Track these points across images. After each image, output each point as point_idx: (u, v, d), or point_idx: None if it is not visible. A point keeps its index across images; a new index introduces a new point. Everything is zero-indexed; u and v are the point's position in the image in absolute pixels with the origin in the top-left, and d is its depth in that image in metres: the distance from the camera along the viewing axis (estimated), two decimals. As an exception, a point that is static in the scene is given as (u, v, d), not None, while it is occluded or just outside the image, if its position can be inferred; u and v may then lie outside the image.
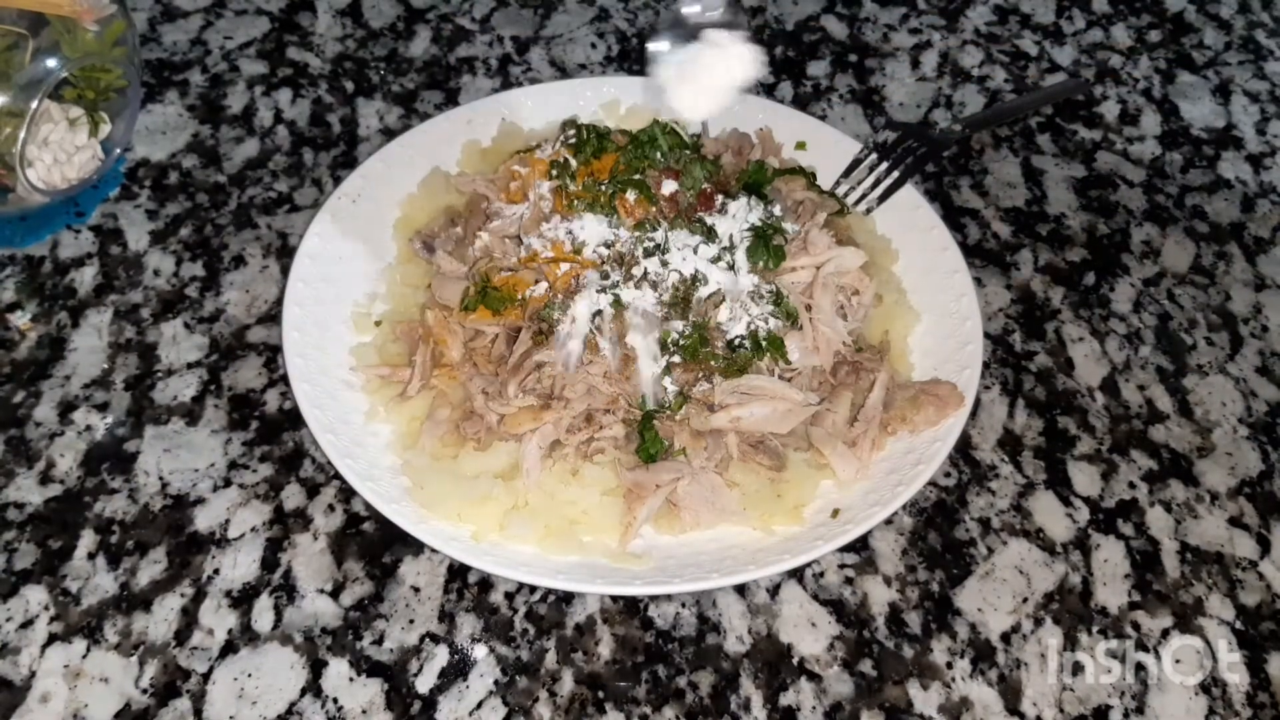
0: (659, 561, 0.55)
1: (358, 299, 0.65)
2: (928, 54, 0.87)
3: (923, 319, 0.65)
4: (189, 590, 0.55)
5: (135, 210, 0.71)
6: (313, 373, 0.60)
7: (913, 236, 0.68)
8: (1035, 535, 0.61)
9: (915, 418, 0.59)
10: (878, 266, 0.67)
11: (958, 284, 0.65)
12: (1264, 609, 0.59)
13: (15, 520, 0.57)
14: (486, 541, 0.55)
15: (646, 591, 0.53)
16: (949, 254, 0.66)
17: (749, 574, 0.51)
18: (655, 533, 0.56)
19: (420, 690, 0.53)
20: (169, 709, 0.52)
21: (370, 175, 0.69)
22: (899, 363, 0.63)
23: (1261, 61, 0.89)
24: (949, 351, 0.63)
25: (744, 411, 0.57)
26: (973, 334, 0.62)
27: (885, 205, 0.70)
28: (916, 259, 0.68)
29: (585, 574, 0.53)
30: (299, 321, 0.61)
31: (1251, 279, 0.74)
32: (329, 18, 0.84)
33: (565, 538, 0.55)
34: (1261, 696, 0.56)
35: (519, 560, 0.54)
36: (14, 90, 0.62)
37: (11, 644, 0.53)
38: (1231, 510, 0.62)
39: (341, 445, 0.57)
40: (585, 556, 0.55)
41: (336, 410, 0.59)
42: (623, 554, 0.55)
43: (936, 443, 0.58)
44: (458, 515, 0.55)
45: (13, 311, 0.66)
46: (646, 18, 0.87)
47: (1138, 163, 0.81)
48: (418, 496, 0.55)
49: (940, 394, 0.59)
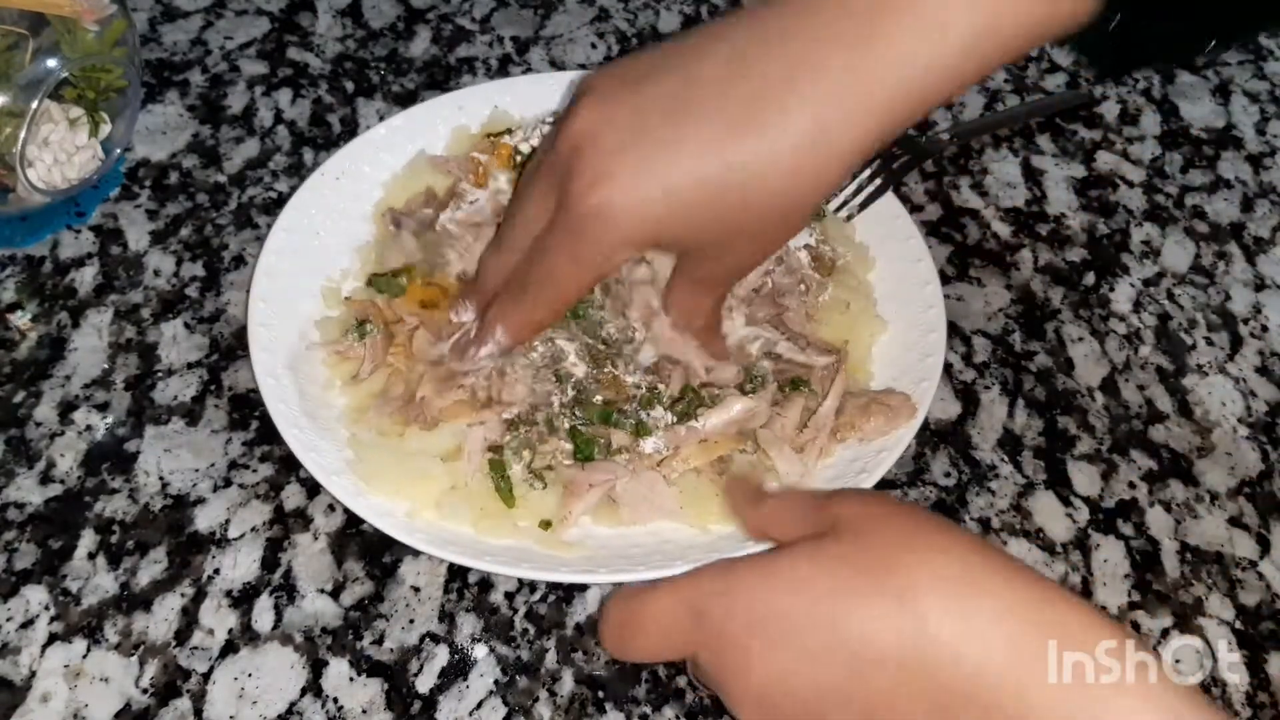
0: (591, 551, 0.54)
1: (331, 274, 0.65)
2: (928, 54, 0.87)
3: (889, 329, 0.64)
4: (189, 590, 0.55)
5: (135, 210, 0.71)
6: (274, 343, 0.60)
7: (890, 245, 0.68)
8: (1035, 535, 0.61)
9: (865, 426, 0.58)
10: (850, 274, 0.66)
11: (928, 296, 0.64)
12: (1264, 609, 0.59)
13: (15, 520, 0.57)
14: (421, 519, 0.55)
15: (571, 579, 0.53)
16: (923, 265, 0.65)
17: (675, 569, 0.50)
18: (593, 523, 0.56)
19: (420, 690, 0.53)
20: (169, 709, 0.52)
21: (355, 155, 0.69)
22: (858, 370, 0.62)
23: (1261, 61, 0.89)
24: (910, 362, 0.62)
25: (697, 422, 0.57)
26: (935, 346, 0.61)
27: (866, 214, 0.69)
28: (892, 268, 0.67)
29: (512, 558, 0.53)
30: (266, 292, 0.61)
31: (1251, 279, 0.74)
32: (329, 18, 0.84)
33: (500, 520, 0.55)
34: (1261, 696, 0.56)
35: (448, 539, 0.54)
36: (14, 90, 0.62)
37: (12, 644, 0.53)
38: (1231, 510, 0.63)
39: (291, 415, 0.57)
40: (518, 540, 0.55)
41: (293, 381, 0.59)
42: (554, 540, 0.55)
43: (883, 453, 0.57)
44: (395, 491, 0.55)
45: (13, 311, 0.66)
46: (647, 18, 0.87)
47: (1138, 163, 0.81)
48: (357, 470, 0.55)
49: (892, 404, 0.58)
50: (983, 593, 0.37)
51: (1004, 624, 0.36)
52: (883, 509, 0.42)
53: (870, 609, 0.38)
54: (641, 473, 0.56)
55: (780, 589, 0.40)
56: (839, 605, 0.38)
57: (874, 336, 0.64)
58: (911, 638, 0.37)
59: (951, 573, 0.38)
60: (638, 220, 0.46)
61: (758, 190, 0.45)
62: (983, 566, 0.38)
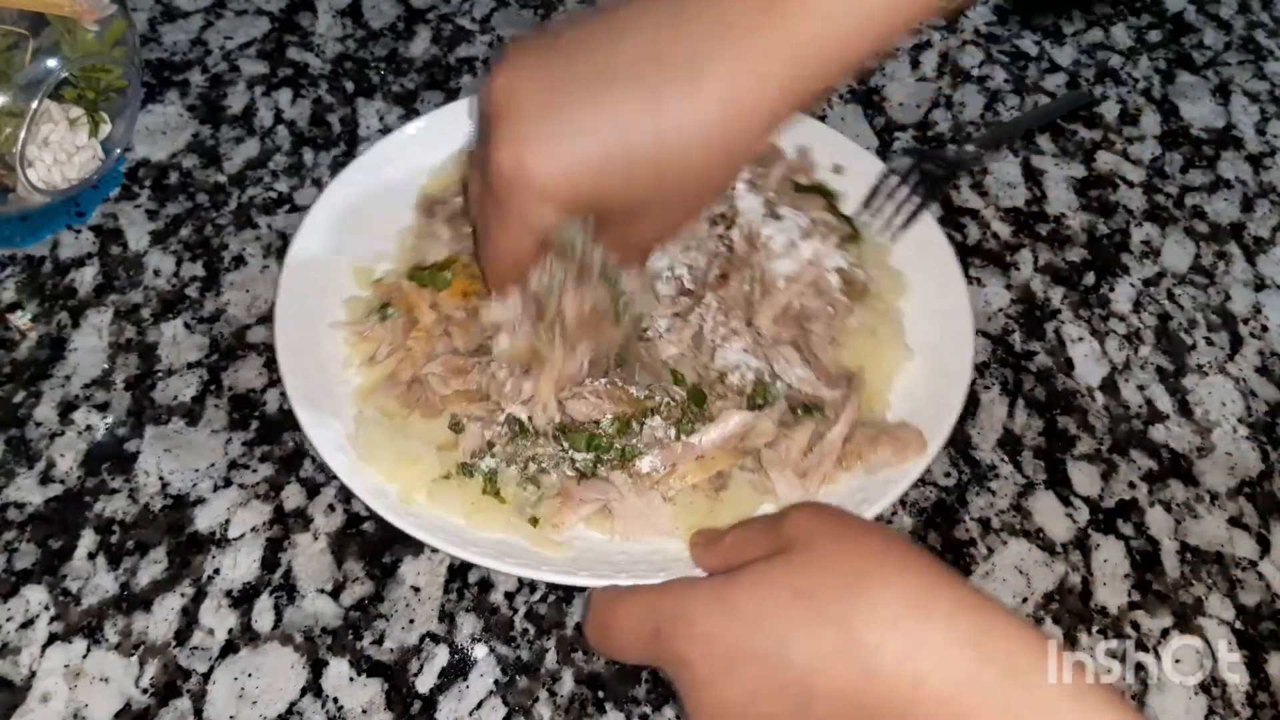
0: (577, 552, 0.54)
1: (364, 256, 0.65)
2: (927, 54, 0.87)
3: (915, 357, 0.62)
4: (189, 590, 0.55)
5: (135, 210, 0.71)
6: (300, 315, 0.60)
7: (925, 274, 0.66)
8: (1035, 535, 0.61)
9: (872, 457, 0.56)
10: (880, 299, 0.64)
11: (958, 327, 0.62)
12: (1264, 609, 0.59)
13: (15, 520, 0.57)
14: (415, 505, 0.55)
15: (551, 579, 0.53)
16: (955, 292, 0.63)
17: (656, 579, 0.51)
18: (585, 527, 0.56)
19: (420, 690, 0.53)
20: (169, 709, 0.52)
21: (400, 142, 0.69)
22: (875, 400, 0.60)
23: (1261, 61, 0.89)
24: (931, 394, 0.60)
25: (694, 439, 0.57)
26: (959, 380, 0.59)
27: (904, 238, 0.67)
28: (926, 297, 0.65)
29: (498, 551, 0.53)
30: (301, 263, 0.62)
31: (1251, 279, 0.74)
32: (329, 18, 0.84)
33: (492, 513, 0.55)
34: (1261, 696, 0.56)
35: (437, 526, 0.54)
36: (14, 90, 0.62)
37: (12, 644, 0.53)
38: (1231, 510, 0.63)
39: (305, 389, 0.57)
40: (507, 535, 0.54)
41: (314, 357, 0.59)
42: (543, 538, 0.54)
43: (888, 485, 0.56)
44: (389, 473, 0.55)
45: (13, 311, 0.66)
46: (646, 18, 0.87)
47: (1138, 163, 0.81)
48: (356, 449, 0.56)
49: (902, 436, 0.57)
50: (927, 617, 0.38)
51: (948, 650, 0.37)
52: (832, 526, 0.43)
53: (817, 643, 0.38)
54: (640, 491, 0.55)
55: (734, 619, 0.40)
56: (788, 637, 0.39)
57: (897, 365, 0.62)
58: (857, 667, 0.37)
59: (892, 597, 0.38)
60: (553, 180, 0.47)
61: (671, 157, 0.46)
62: (925, 594, 0.38)
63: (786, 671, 0.38)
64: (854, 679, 0.37)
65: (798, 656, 0.38)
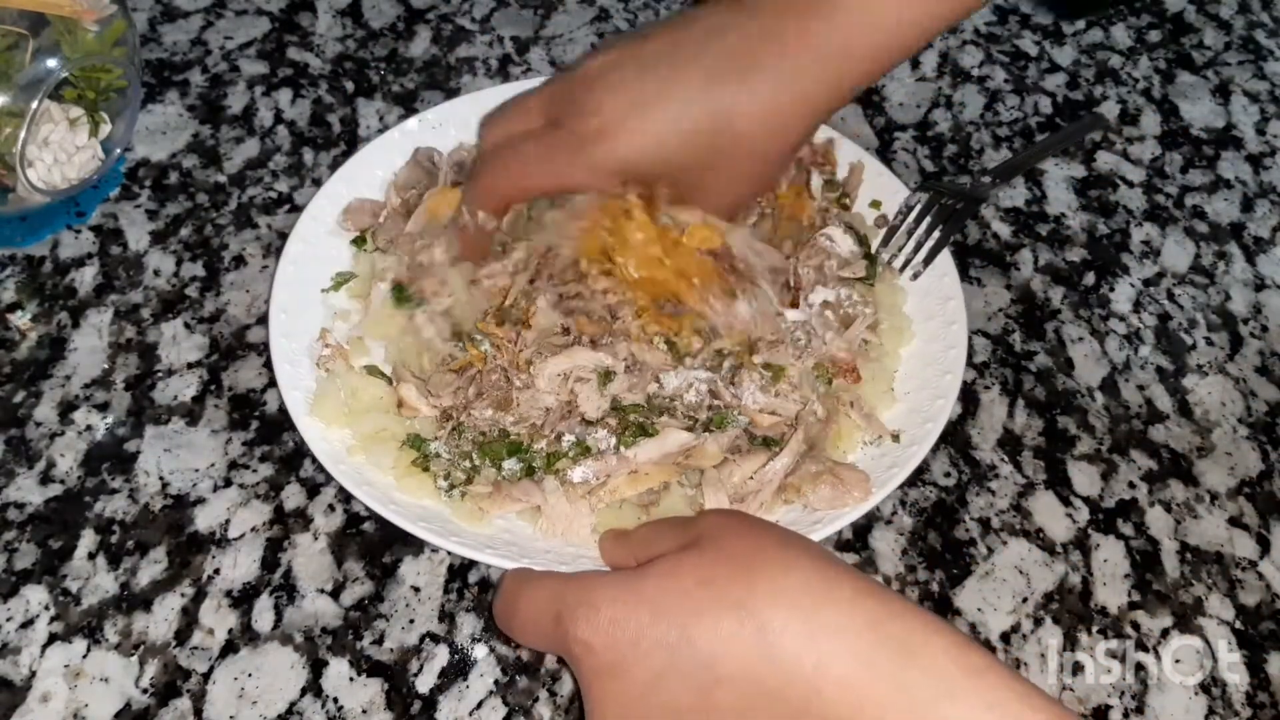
0: (495, 530, 0.55)
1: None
2: (927, 54, 0.87)
3: (900, 402, 0.61)
4: (189, 590, 0.55)
5: (135, 210, 0.71)
6: (296, 282, 0.63)
7: (931, 321, 0.64)
8: (1035, 535, 0.61)
9: (811, 494, 0.55)
10: (884, 349, 0.62)
11: (951, 359, 0.61)
12: (1264, 609, 0.59)
13: (15, 520, 0.57)
14: (356, 458, 0.56)
15: (461, 551, 0.52)
16: (956, 329, 0.62)
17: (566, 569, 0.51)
18: (516, 516, 0.56)
19: (420, 690, 0.53)
20: (169, 709, 0.52)
21: (407, 131, 0.70)
22: (840, 439, 0.59)
23: (1261, 61, 0.89)
24: (908, 425, 0.59)
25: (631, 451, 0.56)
26: (938, 415, 0.58)
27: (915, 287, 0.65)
28: (927, 338, 0.63)
29: (414, 515, 0.53)
30: (306, 234, 0.65)
31: (1251, 279, 0.74)
32: (329, 18, 0.84)
33: (424, 479, 0.55)
34: (1261, 696, 0.56)
35: (367, 481, 0.55)
36: (14, 90, 0.62)
37: (12, 644, 0.53)
38: (1231, 510, 0.63)
39: (286, 351, 0.59)
40: (434, 502, 0.55)
41: (304, 323, 0.61)
42: (466, 511, 0.55)
43: (817, 525, 0.54)
44: (337, 417, 0.57)
45: (13, 311, 0.66)
46: (647, 18, 0.87)
47: (1138, 163, 0.81)
48: (315, 394, 0.58)
49: (844, 478, 0.55)
50: (824, 604, 0.38)
51: (845, 636, 0.37)
52: (738, 523, 0.44)
53: (718, 627, 0.39)
54: (571, 499, 0.55)
55: (640, 606, 0.41)
56: (691, 623, 0.39)
57: (881, 401, 0.61)
58: (756, 652, 0.38)
59: (792, 583, 0.39)
60: (627, 145, 0.54)
61: (729, 132, 0.53)
62: (825, 581, 0.39)
63: (690, 657, 0.39)
64: (756, 662, 0.38)
65: (701, 641, 0.39)
